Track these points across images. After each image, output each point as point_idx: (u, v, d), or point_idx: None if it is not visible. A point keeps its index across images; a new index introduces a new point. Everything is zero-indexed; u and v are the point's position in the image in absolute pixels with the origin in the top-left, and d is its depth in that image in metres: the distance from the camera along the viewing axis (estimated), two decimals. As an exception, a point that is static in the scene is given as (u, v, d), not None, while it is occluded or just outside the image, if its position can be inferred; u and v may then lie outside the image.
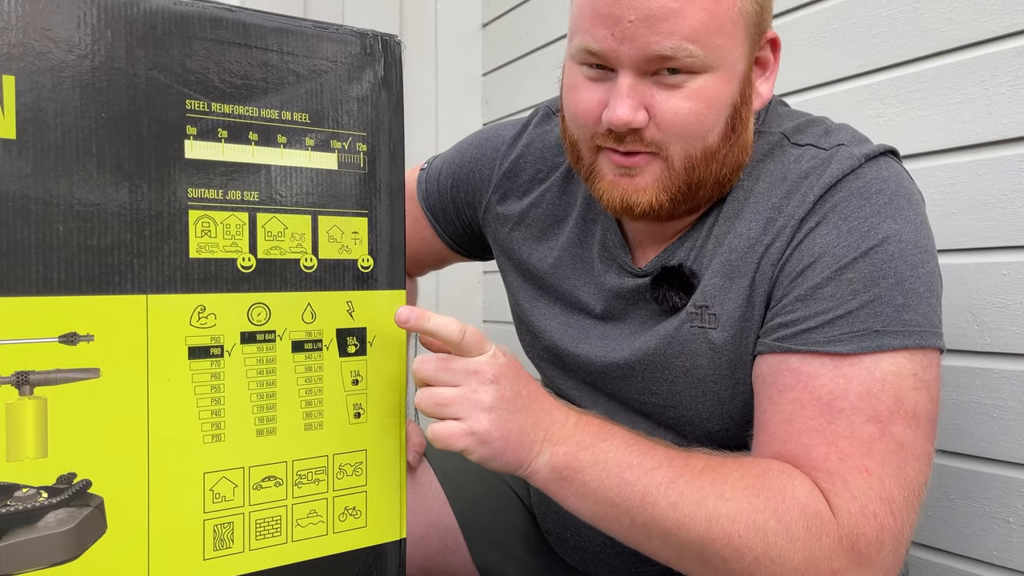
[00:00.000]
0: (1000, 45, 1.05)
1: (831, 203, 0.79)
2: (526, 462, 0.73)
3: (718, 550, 0.71)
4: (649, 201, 0.80)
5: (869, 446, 0.72)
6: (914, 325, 0.75)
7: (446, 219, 1.09)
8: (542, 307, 0.98)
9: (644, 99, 0.77)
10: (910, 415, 0.73)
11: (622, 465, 0.73)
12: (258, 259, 0.67)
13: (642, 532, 0.73)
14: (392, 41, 0.74)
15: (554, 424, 0.74)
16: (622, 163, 0.80)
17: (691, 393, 0.85)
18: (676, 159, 0.79)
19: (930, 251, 0.79)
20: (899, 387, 0.74)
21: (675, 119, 0.77)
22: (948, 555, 1.11)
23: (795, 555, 0.70)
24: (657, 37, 0.74)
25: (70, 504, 0.59)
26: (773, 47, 0.84)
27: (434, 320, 0.72)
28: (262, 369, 0.67)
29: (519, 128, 1.03)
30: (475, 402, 0.70)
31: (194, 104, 0.64)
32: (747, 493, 0.71)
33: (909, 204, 0.79)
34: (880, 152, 0.82)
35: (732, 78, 0.79)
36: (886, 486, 0.72)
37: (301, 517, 0.70)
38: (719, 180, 0.82)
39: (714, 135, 0.79)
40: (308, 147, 0.69)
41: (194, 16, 0.64)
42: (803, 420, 0.74)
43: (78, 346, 0.59)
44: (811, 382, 0.75)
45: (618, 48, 0.76)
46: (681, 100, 0.77)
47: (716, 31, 0.76)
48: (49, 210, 0.58)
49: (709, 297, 0.83)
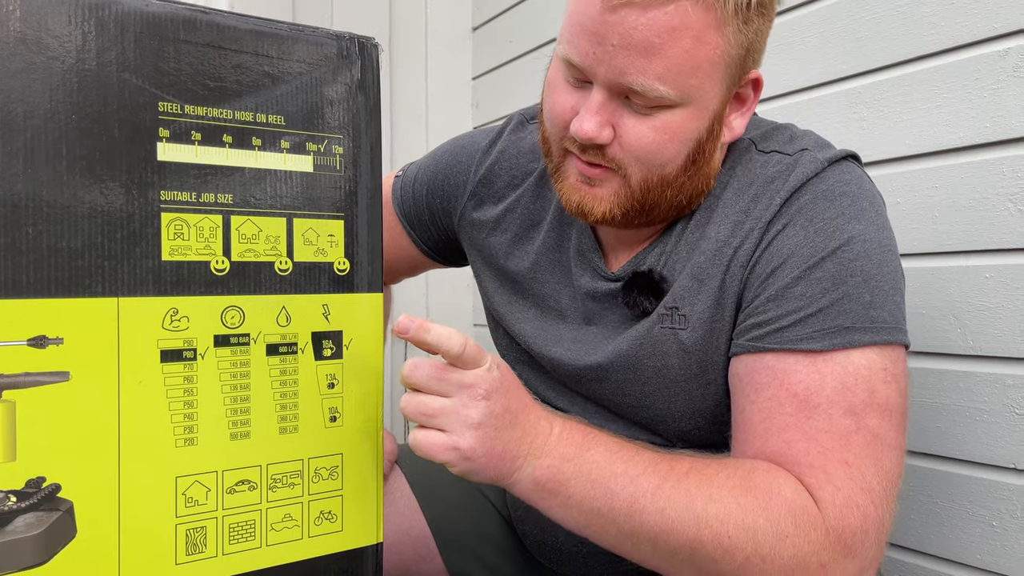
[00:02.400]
0: (983, 49, 1.05)
1: (797, 205, 0.80)
2: (508, 476, 0.72)
3: (708, 552, 0.71)
4: (603, 211, 0.82)
5: (847, 439, 0.73)
6: (881, 322, 0.77)
7: (421, 226, 1.09)
8: (517, 311, 0.98)
9: (612, 118, 0.79)
10: (883, 407, 0.75)
11: (607, 475, 0.73)
12: (232, 262, 0.67)
13: (630, 540, 0.73)
14: (369, 44, 0.74)
15: (538, 437, 0.73)
16: (583, 171, 0.82)
17: (663, 394, 0.86)
18: (633, 180, 0.81)
19: (893, 250, 0.81)
20: (871, 381, 0.75)
21: (637, 144, 0.79)
22: (931, 558, 1.11)
23: (784, 552, 0.70)
24: (631, 70, 0.75)
25: (39, 508, 0.59)
26: (755, 86, 0.84)
27: (435, 331, 0.69)
28: (236, 372, 0.67)
29: (494, 135, 1.04)
30: (463, 417, 0.69)
31: (167, 106, 0.64)
32: (734, 493, 0.71)
33: (872, 205, 0.81)
34: (842, 156, 0.84)
35: (703, 115, 0.79)
36: (866, 477, 0.73)
37: (276, 521, 0.69)
38: (674, 205, 0.84)
39: (673, 166, 0.80)
40: (283, 149, 0.69)
41: (167, 18, 0.63)
42: (782, 416, 0.75)
43: (47, 349, 0.59)
44: (787, 379, 0.76)
45: (596, 67, 0.77)
46: (647, 128, 0.78)
47: (692, 72, 0.76)
48: (18, 212, 0.58)
49: (679, 299, 0.84)
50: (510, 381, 0.73)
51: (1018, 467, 1.02)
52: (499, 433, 0.71)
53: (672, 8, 0.73)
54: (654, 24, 0.74)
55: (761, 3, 0.77)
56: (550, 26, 1.85)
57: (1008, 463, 1.02)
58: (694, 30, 0.74)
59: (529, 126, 1.03)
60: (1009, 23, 1.02)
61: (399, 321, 0.69)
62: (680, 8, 0.73)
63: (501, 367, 0.73)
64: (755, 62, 0.82)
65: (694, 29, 0.74)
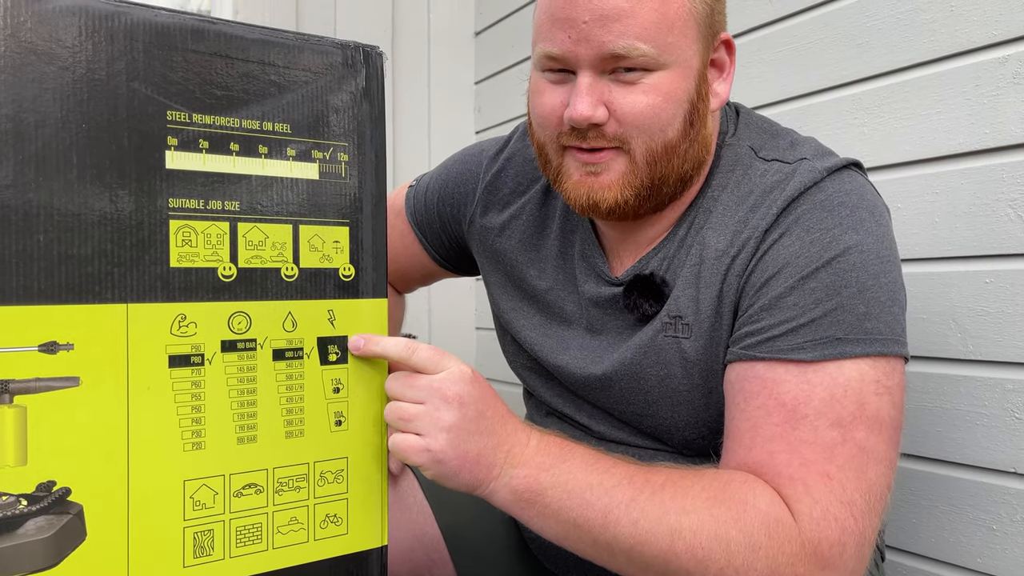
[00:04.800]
0: (982, 55, 1.06)
1: (794, 215, 0.80)
2: (484, 483, 0.73)
3: (682, 564, 0.71)
4: (615, 198, 0.82)
5: (831, 451, 0.73)
6: (875, 333, 0.76)
7: (433, 234, 1.11)
8: (523, 318, 0.99)
9: (603, 96, 0.80)
10: (872, 420, 0.75)
11: (583, 486, 0.73)
12: (239, 268, 0.68)
13: (606, 550, 0.74)
14: (374, 52, 0.75)
15: (516, 446, 0.74)
16: (587, 160, 0.83)
17: (666, 403, 0.86)
18: (638, 153, 0.81)
19: (892, 261, 0.81)
20: (861, 393, 0.75)
21: (633, 112, 0.80)
22: (932, 562, 1.12)
23: (758, 564, 0.70)
24: (610, 37, 0.78)
25: (49, 512, 0.59)
26: (728, 49, 0.86)
27: (383, 343, 0.73)
28: (243, 377, 0.68)
29: (501, 143, 1.05)
30: (435, 420, 0.71)
31: (175, 115, 0.64)
32: (708, 505, 0.72)
33: (871, 216, 0.81)
34: (843, 165, 0.84)
35: (687, 75, 0.81)
36: (847, 490, 0.73)
37: (282, 524, 0.70)
38: (681, 176, 0.84)
39: (673, 129, 0.81)
40: (289, 157, 0.70)
41: (175, 28, 0.64)
42: (768, 427, 0.75)
43: (58, 355, 0.60)
44: (776, 388, 0.76)
45: (575, 49, 0.79)
46: (639, 95, 0.80)
47: (667, 29, 0.79)
48: (29, 220, 0.58)
49: (682, 308, 0.84)
50: (483, 388, 0.74)
51: (1018, 471, 1.02)
52: (472, 438, 0.72)
53: None
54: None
55: None
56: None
57: (1008, 467, 1.03)
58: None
59: None
60: (1009, 30, 1.02)
61: (351, 340, 0.74)
62: None
63: (475, 377, 0.74)
64: (721, 24, 0.85)
65: None
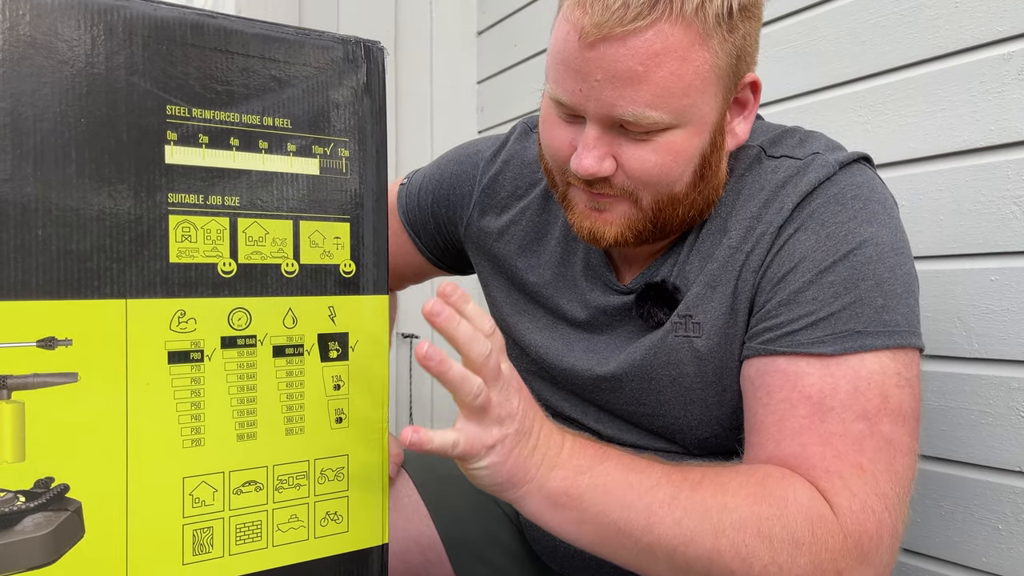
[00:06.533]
0: (987, 52, 1.05)
1: (809, 209, 0.80)
2: (518, 487, 0.70)
3: (726, 563, 0.69)
4: (615, 235, 0.82)
5: (861, 443, 0.73)
6: (894, 325, 0.76)
7: (426, 234, 1.09)
8: (526, 321, 0.98)
9: (611, 148, 0.78)
10: (896, 412, 0.74)
11: (623, 486, 0.70)
12: (239, 264, 0.67)
13: (647, 553, 0.71)
14: (375, 48, 0.74)
15: (550, 450, 0.71)
16: (592, 196, 0.81)
17: (679, 401, 0.86)
18: (644, 203, 0.80)
19: (906, 253, 0.80)
20: (884, 385, 0.74)
21: (641, 170, 0.78)
22: (937, 561, 1.11)
23: (801, 559, 0.69)
24: (621, 102, 0.74)
25: (47, 508, 0.59)
26: (753, 88, 0.83)
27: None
28: (243, 374, 0.68)
29: (498, 144, 1.03)
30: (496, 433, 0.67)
31: (175, 110, 0.64)
32: (749, 502, 0.70)
33: (884, 208, 0.80)
34: (853, 159, 0.83)
35: (702, 131, 0.79)
36: (879, 482, 0.72)
37: (282, 522, 0.70)
38: (685, 220, 0.83)
39: (681, 183, 0.80)
40: (290, 152, 0.69)
41: (175, 22, 0.64)
42: (795, 419, 0.74)
43: (56, 350, 0.59)
44: (800, 382, 0.75)
45: (585, 103, 0.76)
46: (648, 152, 0.77)
47: (682, 93, 0.75)
48: (27, 215, 0.58)
49: (692, 306, 0.83)
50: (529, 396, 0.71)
51: (1023, 470, 1.02)
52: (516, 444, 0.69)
53: (651, 34, 0.72)
54: (636, 53, 0.72)
55: (743, 7, 0.75)
56: (555, 30, 1.85)
57: (1013, 466, 1.02)
58: (677, 51, 0.73)
59: (533, 135, 1.02)
60: (1013, 26, 1.02)
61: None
62: (659, 32, 0.72)
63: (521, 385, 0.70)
64: (749, 65, 0.80)
65: (677, 50, 0.73)
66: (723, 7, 0.73)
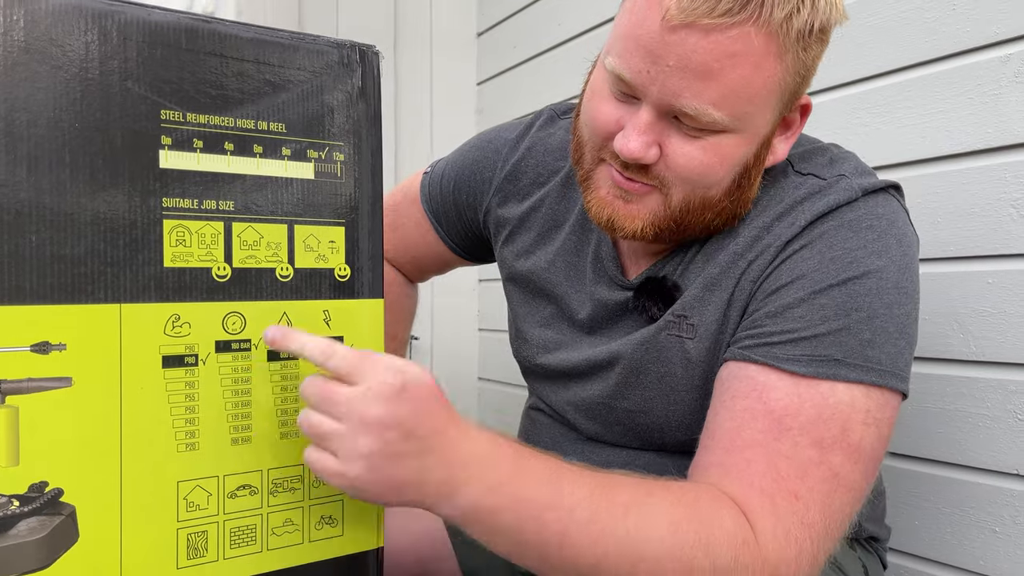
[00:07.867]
0: (984, 54, 1.05)
1: (820, 230, 0.78)
2: (419, 504, 0.67)
3: None
4: (635, 229, 0.80)
5: (805, 470, 0.72)
6: (876, 363, 0.75)
7: (448, 222, 1.08)
8: (532, 313, 0.98)
9: (660, 137, 0.76)
10: (853, 448, 0.73)
11: (539, 506, 0.67)
12: (233, 268, 0.67)
13: (560, 572, 0.70)
14: (370, 51, 0.74)
15: (455, 465, 0.66)
16: (621, 184, 0.79)
17: (663, 401, 0.86)
18: (674, 200, 0.79)
19: (910, 294, 0.78)
20: (848, 419, 0.73)
21: (686, 166, 0.77)
22: (934, 564, 1.11)
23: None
24: (686, 93, 0.73)
25: (42, 513, 0.59)
26: (803, 111, 0.82)
27: (300, 340, 0.65)
28: (237, 378, 0.68)
29: (521, 130, 1.02)
30: (352, 446, 0.63)
31: (169, 114, 0.64)
32: (673, 530, 0.69)
33: (899, 244, 0.78)
34: (881, 187, 0.81)
35: (752, 140, 0.78)
36: (810, 511, 0.71)
37: (277, 526, 0.70)
38: (708, 227, 0.82)
39: (718, 189, 0.79)
40: (284, 156, 0.70)
41: (169, 27, 0.64)
42: (751, 432, 0.74)
43: (50, 355, 0.59)
44: (766, 394, 0.75)
45: (648, 86, 0.74)
46: (696, 149, 0.76)
47: (748, 99, 0.74)
48: (21, 219, 0.58)
49: (688, 307, 0.83)
50: (418, 404, 0.64)
51: (1020, 473, 1.01)
52: (398, 462, 0.64)
53: (735, 33, 0.71)
54: (715, 48, 0.71)
55: (822, 28, 0.74)
56: (555, 31, 1.85)
57: (1011, 469, 1.02)
58: (754, 57, 0.72)
59: (559, 122, 1.01)
60: (1010, 29, 1.02)
61: (265, 332, 0.66)
62: (743, 33, 0.71)
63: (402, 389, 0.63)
64: (806, 87, 0.80)
65: (754, 56, 0.72)
66: (806, 25, 0.73)
